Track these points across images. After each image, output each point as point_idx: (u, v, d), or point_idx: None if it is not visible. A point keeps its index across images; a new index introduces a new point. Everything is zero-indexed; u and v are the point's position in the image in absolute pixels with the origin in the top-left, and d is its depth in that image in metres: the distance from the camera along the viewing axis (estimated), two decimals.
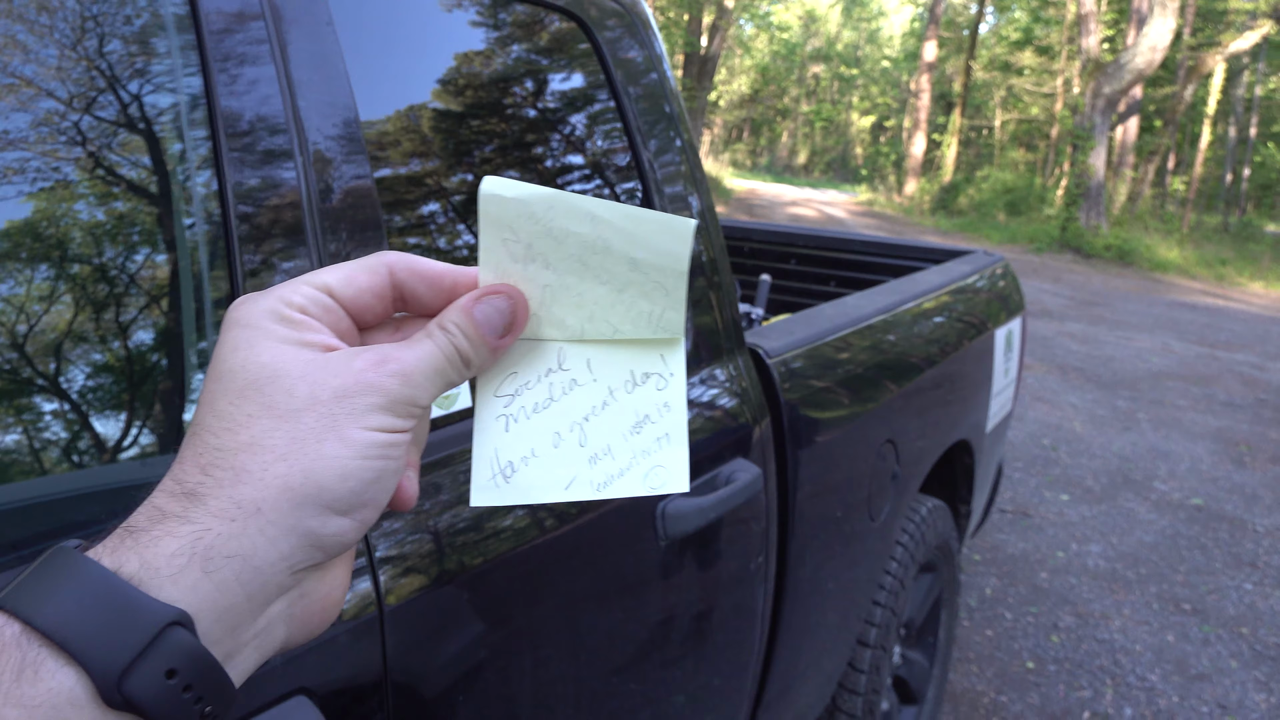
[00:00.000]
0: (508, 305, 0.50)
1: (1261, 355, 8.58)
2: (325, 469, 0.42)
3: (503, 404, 0.52)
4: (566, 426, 0.53)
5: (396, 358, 0.46)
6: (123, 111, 0.78)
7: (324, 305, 0.47)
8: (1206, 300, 12.10)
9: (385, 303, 0.49)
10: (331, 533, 0.43)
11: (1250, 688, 3.12)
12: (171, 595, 0.39)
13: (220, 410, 0.43)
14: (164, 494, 0.42)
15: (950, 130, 28.21)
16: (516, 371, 0.53)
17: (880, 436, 1.89)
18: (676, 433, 0.53)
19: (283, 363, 0.44)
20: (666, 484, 0.53)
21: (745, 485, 1.34)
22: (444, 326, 0.48)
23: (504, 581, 1.00)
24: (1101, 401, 6.48)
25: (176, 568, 0.40)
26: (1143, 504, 4.64)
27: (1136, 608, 3.60)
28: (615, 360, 0.54)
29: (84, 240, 0.74)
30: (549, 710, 1.07)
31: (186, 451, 0.43)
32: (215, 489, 0.41)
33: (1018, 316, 2.84)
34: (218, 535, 0.40)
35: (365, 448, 0.44)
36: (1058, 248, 16.23)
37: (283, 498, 0.42)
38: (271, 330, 0.45)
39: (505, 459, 0.52)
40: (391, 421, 0.45)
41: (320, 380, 0.44)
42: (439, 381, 0.47)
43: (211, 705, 0.40)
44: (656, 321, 0.54)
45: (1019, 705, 2.93)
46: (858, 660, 2.04)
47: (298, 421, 0.43)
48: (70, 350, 0.72)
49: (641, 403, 0.53)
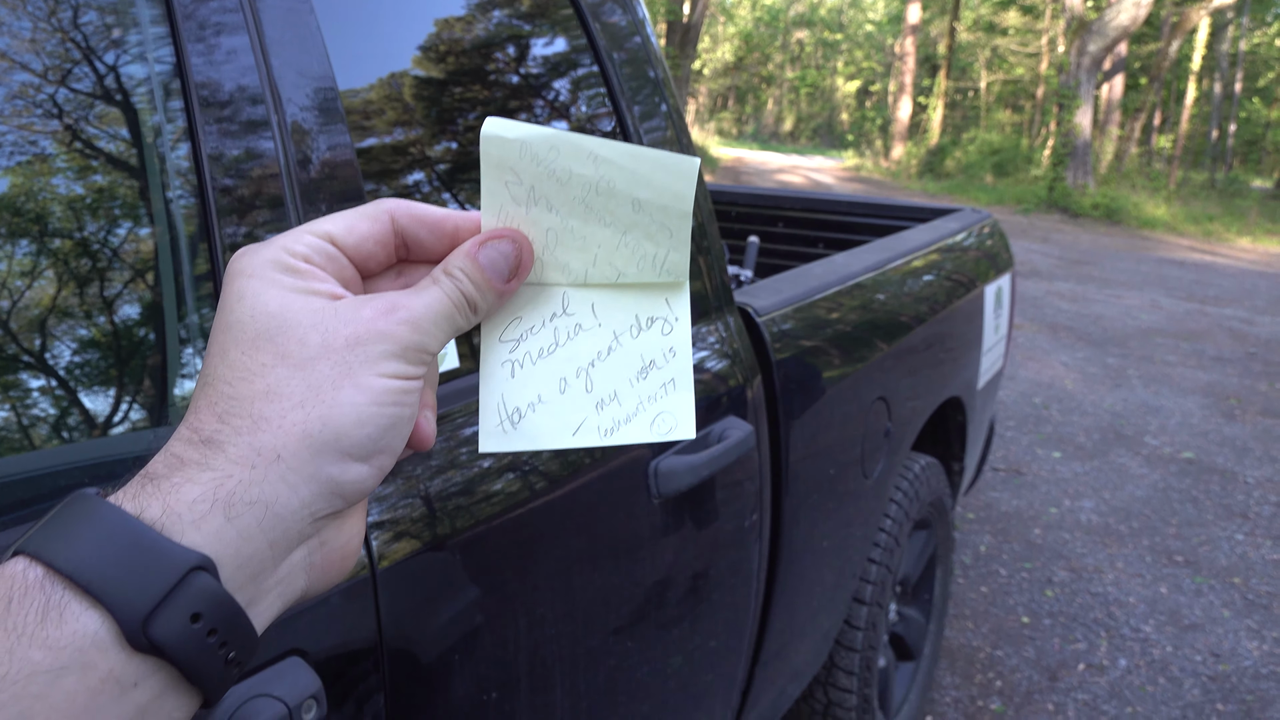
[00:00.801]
0: (512, 249, 0.50)
1: (1249, 309, 8.61)
2: (343, 416, 0.43)
3: (508, 349, 0.52)
4: (573, 372, 0.53)
5: (405, 305, 0.46)
6: (98, 83, 0.77)
7: (327, 254, 0.47)
8: (1194, 256, 12.12)
9: (387, 250, 0.50)
10: (351, 479, 0.44)
11: (1243, 636, 3.15)
12: (194, 541, 0.39)
13: (233, 360, 0.43)
14: (181, 442, 0.42)
15: (936, 93, 28.11)
16: (521, 316, 0.53)
17: (872, 394, 1.89)
18: (682, 378, 0.53)
19: (292, 312, 0.44)
20: (673, 431, 0.53)
21: (737, 443, 1.34)
22: (449, 272, 0.48)
23: (498, 544, 1.00)
24: (1092, 359, 6.50)
25: (199, 514, 0.40)
26: (1134, 459, 4.67)
27: (1129, 561, 3.63)
28: (620, 305, 0.53)
29: (60, 215, 0.73)
30: (545, 671, 1.08)
31: (200, 400, 0.43)
32: (234, 436, 0.42)
33: (1006, 273, 2.84)
34: (239, 482, 0.41)
35: (380, 394, 0.44)
36: (1045, 208, 16.23)
37: (302, 445, 0.42)
38: (277, 280, 0.45)
39: (512, 405, 0.52)
40: (404, 368, 0.45)
41: (332, 328, 0.44)
42: (447, 327, 0.48)
43: (235, 650, 0.40)
44: (660, 264, 0.53)
45: (1015, 659, 2.96)
46: (854, 618, 2.05)
47: (313, 369, 0.43)
48: (52, 326, 0.71)
49: (647, 348, 0.53)
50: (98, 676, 0.36)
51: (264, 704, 0.72)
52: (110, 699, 0.37)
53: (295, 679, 0.75)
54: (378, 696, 0.85)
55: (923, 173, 23.32)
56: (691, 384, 0.53)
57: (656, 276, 0.54)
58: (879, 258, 2.13)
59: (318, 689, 0.76)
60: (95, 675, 0.36)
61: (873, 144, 29.56)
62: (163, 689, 0.39)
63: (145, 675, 0.38)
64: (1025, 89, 31.84)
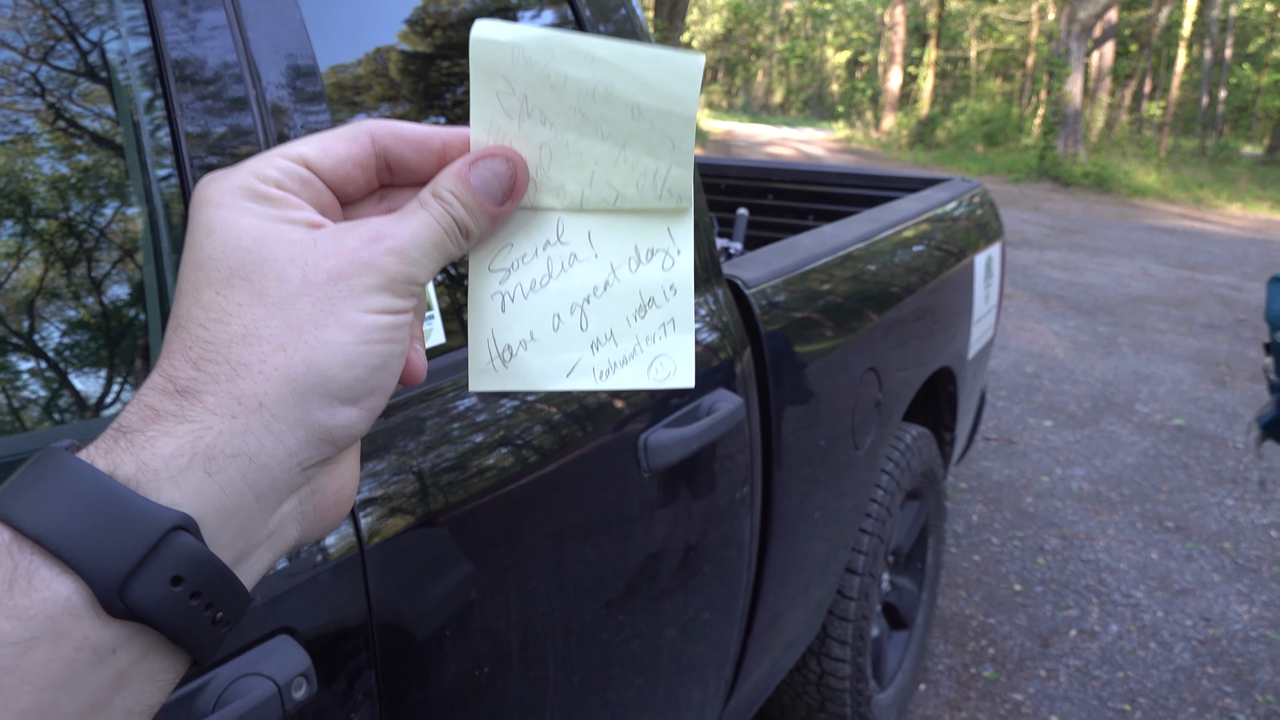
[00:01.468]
0: (506, 168, 0.47)
1: (1240, 276, 8.62)
2: (327, 357, 0.40)
3: (498, 280, 0.49)
4: (567, 308, 0.49)
5: (391, 233, 0.43)
6: (80, 61, 0.76)
7: (301, 178, 0.43)
8: (1185, 224, 12.13)
9: (368, 173, 0.46)
10: (340, 424, 0.41)
11: (1233, 600, 3.18)
12: (173, 498, 0.37)
13: (206, 300, 0.40)
14: (154, 391, 0.39)
15: (926, 63, 27.98)
16: (513, 244, 0.49)
17: (862, 365, 1.89)
18: (682, 318, 0.50)
19: (267, 245, 0.41)
20: (672, 377, 0.50)
21: (727, 415, 1.33)
22: (438, 195, 0.45)
23: (488, 519, 0.99)
24: (1083, 328, 6.51)
25: (176, 469, 0.37)
26: (1125, 426, 4.69)
27: (1120, 528, 3.65)
28: (618, 233, 0.50)
29: (34, 194, 0.72)
30: (538, 646, 1.08)
31: (174, 345, 0.40)
32: (211, 384, 0.39)
33: (996, 242, 2.84)
34: (219, 434, 0.38)
35: (367, 331, 0.41)
36: (1036, 177, 16.21)
37: (286, 390, 0.39)
38: (247, 209, 0.41)
39: (503, 342, 0.49)
40: (392, 302, 0.42)
41: (311, 262, 0.41)
42: (437, 255, 0.44)
43: (223, 611, 0.39)
44: (662, 183, 0.49)
45: (1007, 626, 2.98)
46: (847, 588, 2.06)
47: (293, 308, 0.40)
48: (40, 308, 0.70)
49: (646, 283, 0.50)
50: (72, 645, 0.35)
51: (253, 682, 0.72)
52: (86, 667, 0.35)
53: (284, 657, 0.75)
54: (368, 673, 0.85)
55: (913, 143, 23.26)
56: (692, 325, 0.50)
57: (658, 199, 0.49)
58: (868, 228, 2.13)
59: (307, 667, 0.76)
60: (69, 644, 0.35)
61: (863, 115, 29.46)
62: (145, 653, 0.37)
63: (124, 641, 0.36)
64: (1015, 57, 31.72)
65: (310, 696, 0.76)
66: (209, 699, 0.70)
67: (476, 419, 1.01)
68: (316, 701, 0.80)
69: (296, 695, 0.74)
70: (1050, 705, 2.62)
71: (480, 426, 1.01)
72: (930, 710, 2.60)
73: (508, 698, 1.04)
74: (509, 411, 1.05)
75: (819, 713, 2.18)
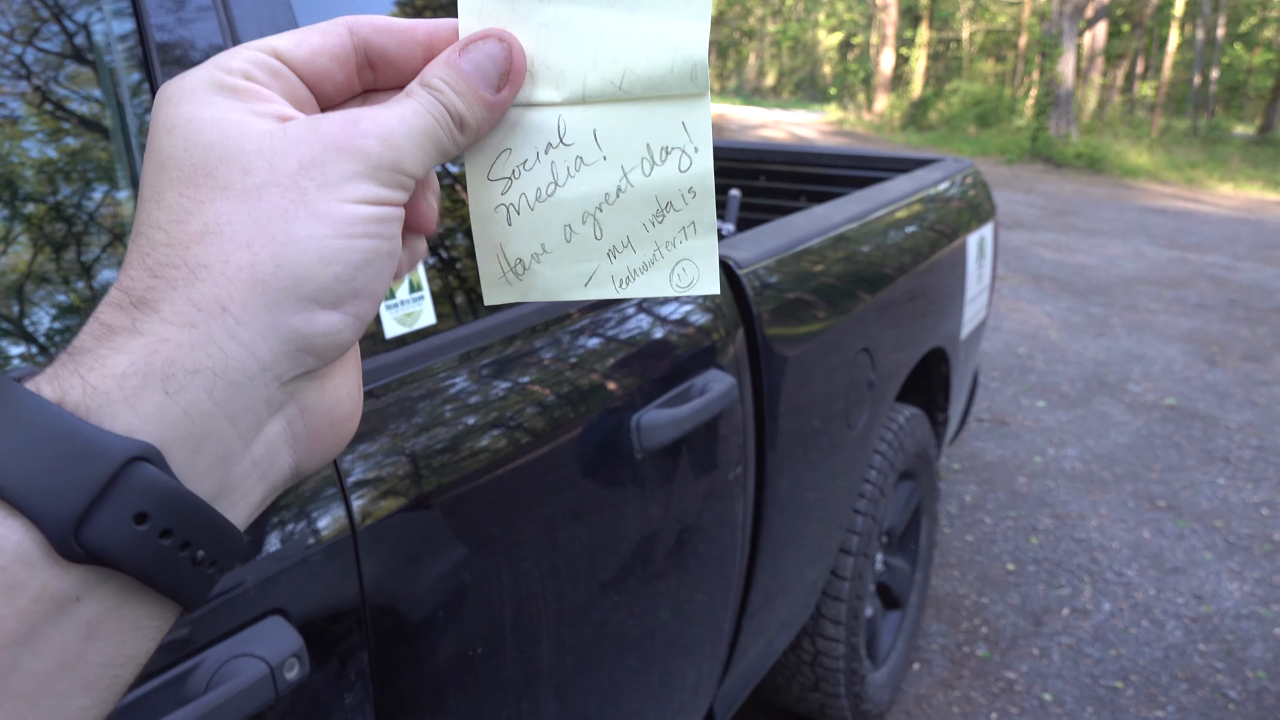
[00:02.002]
0: (500, 49, 0.42)
1: (1231, 256, 8.64)
2: (300, 253, 0.35)
3: (499, 191, 0.45)
4: (578, 218, 0.45)
5: (372, 116, 0.38)
6: (67, 42, 0.75)
7: (272, 70, 0.39)
8: (1177, 204, 12.14)
9: (346, 68, 0.41)
10: (320, 331, 0.36)
11: (1224, 578, 3.20)
12: (129, 424, 0.33)
13: (168, 203, 0.36)
14: (110, 307, 0.34)
15: (918, 44, 27.91)
16: (511, 149, 0.44)
17: (855, 346, 1.89)
18: (704, 221, 0.46)
19: (231, 138, 0.36)
20: (695, 284, 0.46)
21: (720, 395, 1.33)
22: (427, 83, 0.40)
23: (481, 501, 1.00)
24: (1075, 308, 6.52)
25: (130, 389, 0.33)
26: (1117, 406, 4.70)
27: (1113, 507, 3.67)
28: (627, 129, 0.44)
29: (20, 178, 0.72)
30: (531, 627, 1.08)
31: (132, 255, 0.36)
32: (168, 291, 0.34)
33: (989, 223, 2.84)
34: (176, 345, 0.33)
35: (345, 224, 0.36)
36: (1029, 158, 16.19)
37: (252, 293, 0.34)
38: (213, 103, 0.37)
39: (514, 255, 0.45)
40: (375, 191, 0.37)
41: (281, 151, 0.36)
42: (428, 146, 0.39)
43: (205, 550, 0.34)
44: (675, 45, 0.43)
45: (1000, 605, 2.99)
46: (840, 568, 2.07)
47: (259, 201, 0.35)
48: (25, 290, 0.70)
49: (663, 188, 0.45)
50: (28, 596, 0.31)
51: (245, 663, 0.72)
52: (48, 619, 0.32)
53: (276, 638, 0.75)
54: (361, 654, 0.85)
55: (906, 125, 23.22)
56: (715, 228, 0.46)
57: (670, 70, 0.43)
58: (860, 209, 2.12)
59: (299, 648, 0.76)
60: (26, 595, 0.31)
61: (855, 97, 29.38)
62: (117, 601, 0.33)
63: (89, 588, 0.32)
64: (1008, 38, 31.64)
65: (303, 677, 0.76)
66: (201, 680, 0.70)
67: (469, 400, 1.01)
68: (309, 682, 0.80)
69: (289, 676, 0.74)
70: (1043, 683, 2.64)
71: (473, 408, 1.01)
72: (924, 689, 2.61)
73: (501, 678, 1.05)
74: (501, 393, 1.05)
75: (813, 692, 2.19)
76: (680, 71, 0.43)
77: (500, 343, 1.08)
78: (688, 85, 0.44)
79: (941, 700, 2.57)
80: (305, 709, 0.80)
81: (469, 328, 1.05)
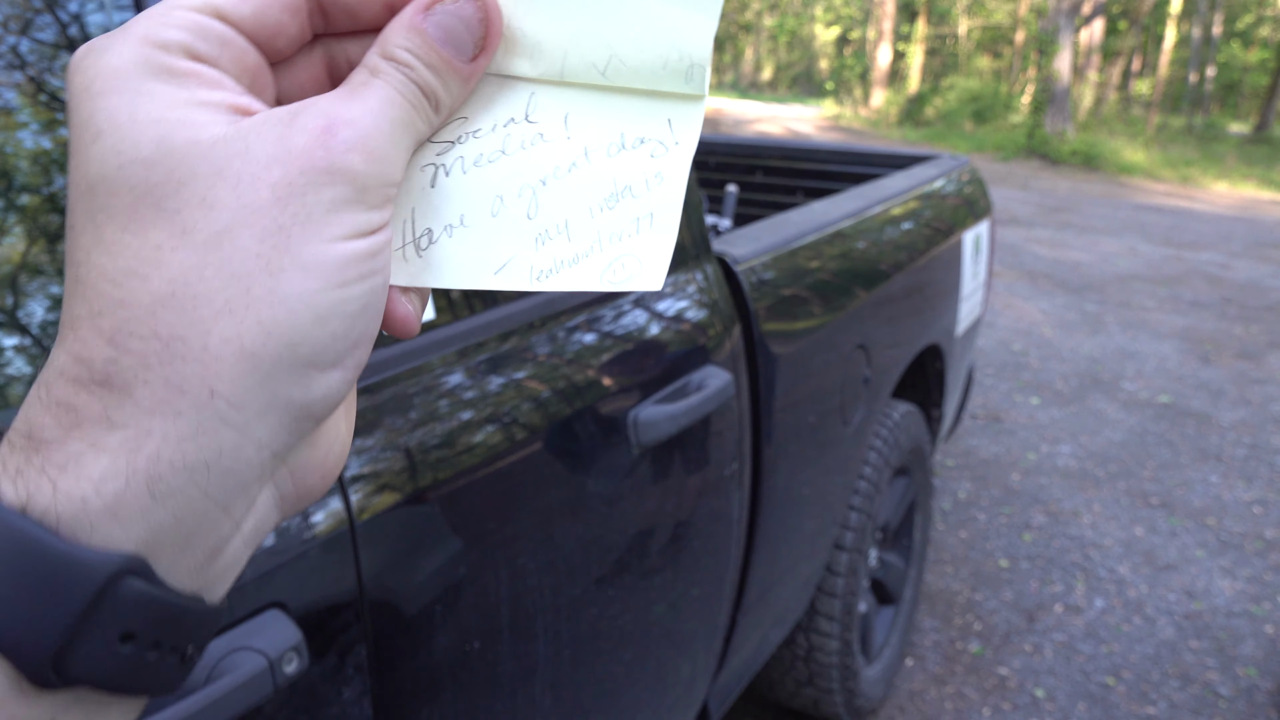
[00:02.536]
0: (473, 8, 0.34)
1: (1226, 254, 8.66)
2: (291, 315, 0.29)
3: (435, 151, 0.37)
4: (514, 189, 0.37)
5: (347, 119, 0.31)
6: (62, 34, 0.75)
7: (218, 36, 0.31)
8: (1172, 202, 12.16)
9: (299, 19, 0.34)
10: (320, 396, 0.31)
11: (1216, 575, 3.21)
12: (111, 536, 0.28)
13: (109, 241, 0.29)
14: (65, 381, 0.28)
15: (915, 39, 27.91)
16: (468, 116, 0.37)
17: (851, 342, 1.89)
18: (665, 214, 0.38)
19: (179, 153, 0.29)
20: (633, 278, 0.38)
21: (716, 391, 1.34)
22: (392, 57, 0.33)
23: (478, 495, 1.00)
24: (1070, 306, 6.53)
25: (110, 495, 0.27)
26: (1111, 404, 4.72)
27: (1106, 504, 3.68)
28: (604, 117, 0.37)
29: (15, 169, 0.71)
30: (528, 621, 1.08)
31: (78, 308, 0.29)
32: (141, 371, 0.28)
33: (985, 219, 2.84)
34: (163, 440, 0.28)
35: (338, 269, 0.30)
36: (1025, 155, 16.22)
37: (242, 369, 0.29)
38: (146, 95, 0.29)
39: (423, 224, 0.37)
40: (365, 218, 0.31)
41: (246, 175, 0.29)
42: (407, 140, 0.33)
43: (194, 645, 0.31)
44: (674, 34, 0.37)
45: (993, 602, 3.00)
46: (835, 564, 2.08)
47: (232, 248, 0.29)
48: (19, 282, 0.70)
49: (624, 170, 0.38)
50: None
51: (244, 657, 0.72)
52: None
53: (275, 632, 0.75)
54: (360, 648, 0.86)
55: (903, 121, 23.24)
56: (676, 225, 0.38)
57: (663, 65, 0.37)
58: (857, 205, 2.13)
59: (298, 641, 0.76)
60: None
61: (852, 92, 29.38)
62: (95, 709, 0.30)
63: (65, 707, 0.29)
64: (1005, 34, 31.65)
65: (302, 670, 0.77)
66: (200, 673, 0.70)
67: (465, 395, 1.01)
68: (308, 675, 0.80)
69: (288, 669, 0.75)
70: (1036, 679, 2.65)
71: (469, 403, 1.01)
72: (917, 685, 2.62)
73: (498, 672, 1.05)
74: (498, 389, 1.05)
75: (807, 687, 2.20)
76: (674, 68, 0.37)
77: (497, 338, 1.08)
78: (681, 85, 0.37)
79: (934, 696, 2.58)
80: (304, 702, 0.80)
81: (466, 323, 1.05)
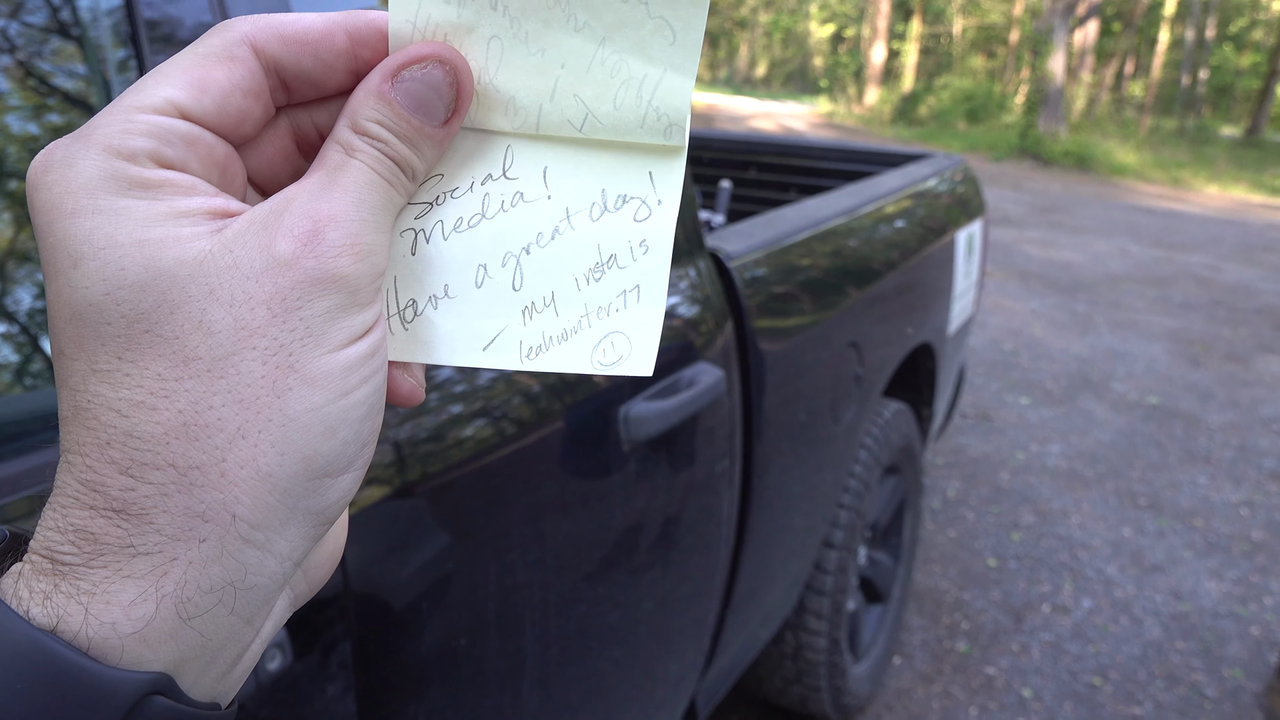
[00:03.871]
0: (442, 74, 0.33)
1: (1216, 256, 8.69)
2: (303, 432, 0.30)
3: (413, 214, 0.36)
4: (497, 257, 0.37)
5: (330, 215, 0.31)
6: (52, 17, 0.74)
7: (183, 138, 0.31)
8: (1163, 204, 12.20)
9: (263, 100, 0.33)
10: (335, 500, 0.32)
11: (1203, 576, 3.22)
12: (139, 657, 0.28)
13: (105, 370, 0.29)
14: (81, 507, 0.29)
15: (909, 38, 27.93)
16: (444, 173, 0.36)
17: (843, 340, 1.89)
18: (652, 287, 0.37)
19: (167, 275, 0.29)
20: (623, 361, 0.38)
21: (708, 388, 1.33)
22: (364, 131, 0.32)
23: (466, 491, 0.99)
24: (1061, 306, 6.55)
25: (139, 619, 0.28)
26: (1101, 404, 4.73)
27: (1094, 504, 3.69)
28: (583, 171, 0.37)
29: (3, 154, 0.70)
30: (516, 617, 1.07)
31: (83, 438, 0.29)
32: (159, 500, 0.29)
33: (978, 219, 2.84)
34: (188, 565, 0.29)
35: (341, 377, 0.31)
36: (1017, 155, 16.25)
37: (261, 491, 0.29)
38: (125, 212, 0.29)
39: (407, 294, 0.36)
40: (361, 320, 0.31)
41: (240, 293, 0.29)
42: (387, 220, 0.33)
43: None
44: (650, 96, 0.36)
45: (981, 601, 3.01)
46: (824, 562, 2.07)
47: (237, 372, 0.29)
48: (6, 269, 0.69)
49: (609, 236, 0.37)
50: None
51: None
52: None
53: None
54: (344, 644, 0.85)
55: (896, 119, 23.26)
56: (664, 300, 0.38)
57: (640, 123, 0.36)
58: (850, 203, 2.12)
59: (281, 638, 0.75)
60: None
61: (846, 90, 29.40)
62: None
63: None
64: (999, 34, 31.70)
65: (285, 668, 0.76)
66: None
67: (455, 389, 1.00)
68: (290, 672, 0.79)
69: (270, 666, 0.74)
70: (1023, 679, 2.65)
71: (459, 397, 1.00)
72: (904, 683, 2.62)
73: (485, 669, 1.04)
74: (488, 383, 1.04)
75: (795, 684, 2.20)
76: (652, 125, 0.37)
77: None
78: (659, 139, 0.37)
79: (922, 694, 2.58)
80: (287, 699, 0.79)
81: None
